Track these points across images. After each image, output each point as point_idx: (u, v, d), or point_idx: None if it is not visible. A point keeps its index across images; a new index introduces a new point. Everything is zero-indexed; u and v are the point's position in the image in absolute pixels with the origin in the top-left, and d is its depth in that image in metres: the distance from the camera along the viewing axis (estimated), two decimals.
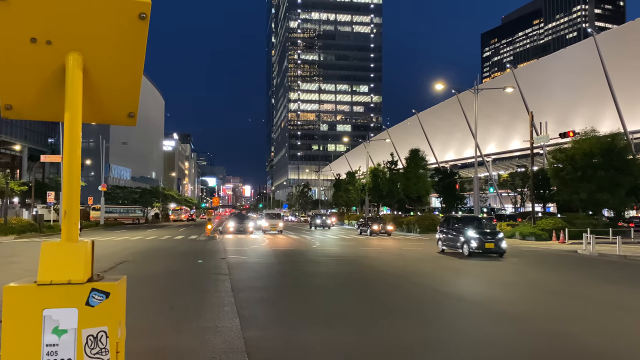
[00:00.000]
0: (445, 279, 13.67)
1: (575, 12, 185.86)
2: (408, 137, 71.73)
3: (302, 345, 6.57)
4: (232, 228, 38.22)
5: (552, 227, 30.36)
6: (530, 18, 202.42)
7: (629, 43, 44.52)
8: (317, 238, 33.36)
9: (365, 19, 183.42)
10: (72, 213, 2.00)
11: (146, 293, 10.58)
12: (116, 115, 2.28)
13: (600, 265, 17.74)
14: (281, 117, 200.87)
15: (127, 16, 2.03)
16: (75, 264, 1.97)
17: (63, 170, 2.05)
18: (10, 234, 32.09)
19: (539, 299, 10.37)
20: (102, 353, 1.94)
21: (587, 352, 6.34)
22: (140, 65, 2.14)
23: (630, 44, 44.34)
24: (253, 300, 9.73)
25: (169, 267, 15.63)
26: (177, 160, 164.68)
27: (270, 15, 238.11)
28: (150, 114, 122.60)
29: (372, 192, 59.04)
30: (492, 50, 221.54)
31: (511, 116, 58.23)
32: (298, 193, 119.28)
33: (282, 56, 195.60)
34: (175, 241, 28.78)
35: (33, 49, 2.02)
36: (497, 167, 71.34)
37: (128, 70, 2.14)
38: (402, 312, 8.77)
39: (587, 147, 31.14)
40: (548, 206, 51.95)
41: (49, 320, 1.91)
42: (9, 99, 2.11)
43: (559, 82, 52.89)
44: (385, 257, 19.82)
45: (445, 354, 6.24)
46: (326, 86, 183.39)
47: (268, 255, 20.26)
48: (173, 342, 6.50)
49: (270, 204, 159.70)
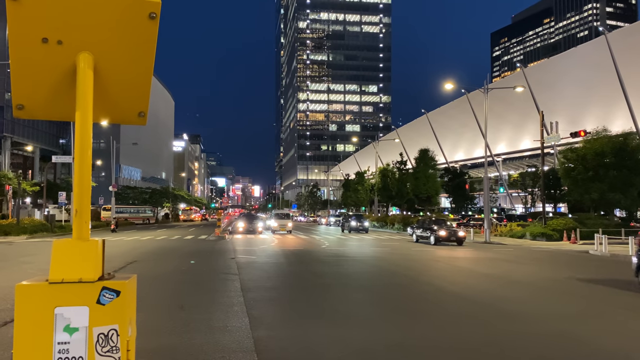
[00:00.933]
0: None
1: (586, 10, 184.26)
2: (417, 137, 71.52)
3: (311, 344, 6.57)
4: (241, 228, 38.40)
5: (563, 227, 30.12)
6: (541, 17, 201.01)
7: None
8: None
9: (375, 19, 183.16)
10: (83, 212, 2.01)
11: (156, 292, 10.66)
12: (127, 115, 2.29)
13: (612, 265, 17.55)
14: (290, 118, 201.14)
15: (137, 16, 2.04)
16: (86, 262, 1.98)
17: (74, 169, 2.07)
18: (23, 233, 32.43)
19: (547, 298, 10.28)
20: (113, 351, 1.96)
21: (595, 351, 6.28)
22: (150, 65, 2.15)
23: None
24: (262, 300, 9.74)
25: (179, 267, 15.70)
26: (186, 160, 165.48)
27: (279, 16, 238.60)
28: (161, 115, 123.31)
29: (381, 193, 58.92)
30: (502, 49, 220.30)
31: (522, 116, 57.86)
32: (307, 193, 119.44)
33: (291, 56, 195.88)
34: (185, 241, 28.93)
35: (44, 49, 2.03)
36: (507, 167, 70.91)
37: (138, 70, 2.16)
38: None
39: (598, 146, 30.88)
40: (559, 206, 51.57)
41: (60, 318, 1.92)
42: (21, 98, 2.14)
43: (570, 81, 52.42)
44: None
45: (443, 353, 6.20)
46: (335, 86, 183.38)
47: (277, 255, 20.29)
48: (183, 341, 6.52)
49: (280, 204, 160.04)
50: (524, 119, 57.88)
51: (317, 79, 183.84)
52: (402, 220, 46.11)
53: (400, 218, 48.04)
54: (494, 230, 35.91)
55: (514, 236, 32.86)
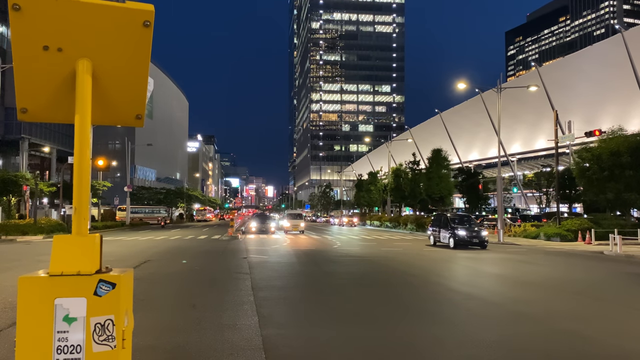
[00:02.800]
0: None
1: (603, 8, 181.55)
2: (431, 137, 71.21)
3: (319, 343, 6.65)
4: (254, 228, 38.63)
5: (577, 228, 29.80)
6: (556, 15, 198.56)
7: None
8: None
9: (388, 19, 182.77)
10: (81, 209, 2.14)
11: (169, 291, 10.82)
12: (124, 117, 2.42)
13: (626, 266, 17.36)
14: (303, 118, 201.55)
15: (133, 24, 2.17)
16: (85, 256, 2.11)
17: (74, 169, 2.19)
18: (40, 233, 33.04)
19: (557, 299, 10.24)
20: (109, 340, 2.09)
21: (603, 352, 6.27)
22: (145, 70, 2.28)
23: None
24: (272, 299, 9.85)
25: (192, 266, 15.91)
26: (201, 161, 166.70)
27: (292, 17, 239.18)
28: (175, 116, 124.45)
29: (394, 193, 58.75)
30: (517, 48, 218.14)
31: (536, 115, 57.31)
32: (320, 193, 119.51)
33: (304, 57, 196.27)
34: (198, 241, 29.21)
35: (45, 56, 2.16)
36: (522, 166, 70.26)
37: (134, 74, 2.28)
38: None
39: (614, 145, 30.45)
40: (574, 206, 50.92)
41: (60, 308, 2.06)
42: (24, 102, 2.27)
43: (586, 80, 51.80)
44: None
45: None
46: (348, 86, 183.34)
47: (289, 255, 20.41)
48: (194, 338, 6.66)
49: (293, 204, 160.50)
50: (539, 118, 57.33)
51: (330, 80, 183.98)
52: (415, 220, 45.98)
53: (413, 218, 47.89)
54: (508, 230, 35.64)
55: (528, 237, 32.59)
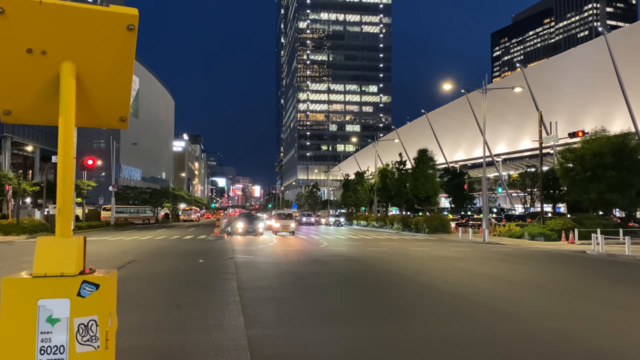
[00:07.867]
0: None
1: (587, 10, 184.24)
2: (417, 137, 71.59)
3: (304, 342, 6.67)
4: (240, 229, 37.63)
5: (561, 228, 30.20)
6: (541, 17, 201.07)
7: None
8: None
9: (375, 19, 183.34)
10: (65, 210, 2.15)
11: (154, 291, 10.76)
12: (108, 119, 2.43)
13: (607, 265, 17.65)
14: (290, 118, 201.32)
15: (117, 28, 2.18)
16: (68, 257, 2.11)
17: (58, 172, 2.20)
18: (23, 233, 32.59)
19: (541, 297, 10.39)
20: (92, 340, 2.09)
21: (589, 350, 6.38)
22: (129, 73, 2.29)
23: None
24: (258, 299, 9.85)
25: (178, 266, 15.83)
26: (187, 160, 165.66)
27: (279, 16, 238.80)
28: (161, 115, 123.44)
29: (380, 193, 58.96)
30: (502, 49, 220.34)
31: (521, 116, 57.95)
32: (307, 193, 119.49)
33: (292, 56, 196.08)
34: (184, 241, 29.04)
35: (29, 59, 2.16)
36: (507, 167, 70.96)
37: (118, 77, 2.29)
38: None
39: (596, 146, 30.94)
40: (558, 206, 51.61)
41: (43, 309, 2.06)
42: (7, 104, 2.27)
43: (570, 82, 52.51)
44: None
45: (443, 351, 6.32)
46: (335, 86, 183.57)
47: (275, 255, 20.39)
48: (179, 338, 6.64)
49: (280, 204, 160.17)
50: (523, 119, 57.96)
51: (318, 79, 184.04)
52: (401, 220, 46.23)
53: (399, 218, 48.13)
54: (493, 230, 36.00)
55: (513, 236, 32.94)
